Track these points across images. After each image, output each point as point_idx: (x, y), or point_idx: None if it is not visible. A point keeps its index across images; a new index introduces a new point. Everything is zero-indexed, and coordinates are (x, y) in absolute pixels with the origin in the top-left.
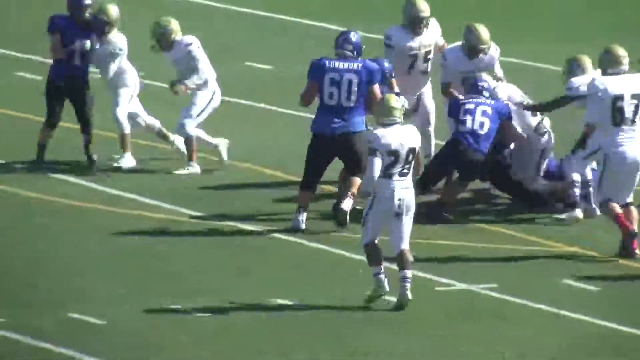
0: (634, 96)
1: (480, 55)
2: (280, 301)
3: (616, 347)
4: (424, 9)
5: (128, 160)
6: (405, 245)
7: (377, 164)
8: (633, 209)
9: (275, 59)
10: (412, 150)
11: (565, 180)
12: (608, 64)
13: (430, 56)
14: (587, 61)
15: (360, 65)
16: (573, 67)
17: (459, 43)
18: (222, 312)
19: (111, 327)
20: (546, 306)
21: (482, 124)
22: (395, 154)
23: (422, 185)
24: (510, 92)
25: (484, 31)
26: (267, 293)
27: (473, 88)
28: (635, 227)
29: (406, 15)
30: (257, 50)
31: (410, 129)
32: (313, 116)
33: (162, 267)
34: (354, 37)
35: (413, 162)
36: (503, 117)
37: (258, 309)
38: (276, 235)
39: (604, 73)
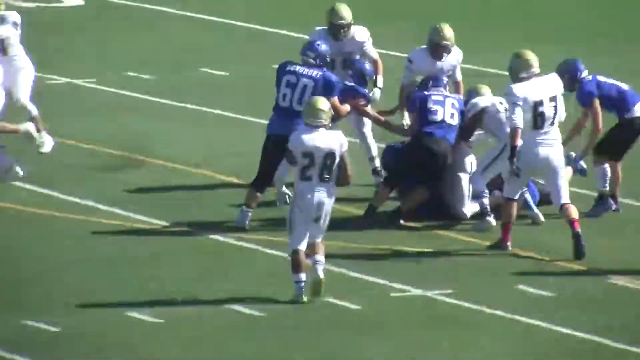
0: (551, 99)
1: (444, 55)
2: (239, 307)
3: (571, 352)
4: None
5: (48, 142)
6: (318, 239)
7: (287, 164)
8: (568, 206)
9: (231, 65)
10: (329, 155)
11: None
12: (520, 68)
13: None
14: (485, 89)
15: (319, 74)
16: (472, 95)
17: (425, 46)
18: (182, 319)
19: (66, 334)
20: (501, 312)
21: (452, 115)
22: (309, 156)
23: (387, 185)
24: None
25: (447, 29)
26: (226, 299)
27: (435, 81)
28: (575, 216)
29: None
30: (212, 56)
31: (333, 134)
32: (267, 122)
33: (119, 273)
34: (319, 46)
35: (335, 168)
36: (461, 114)
37: (219, 316)
38: (233, 241)
39: (517, 78)
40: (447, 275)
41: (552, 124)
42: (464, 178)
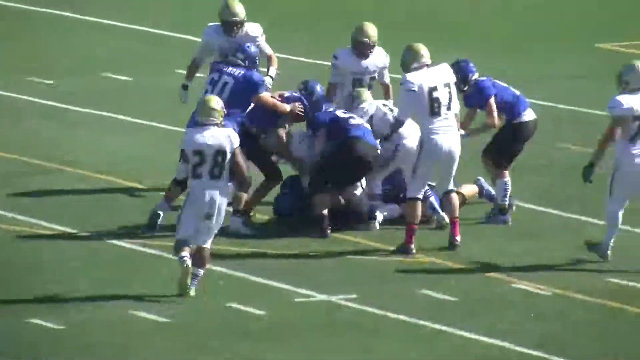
0: (445, 85)
1: (368, 53)
2: (144, 314)
3: (475, 356)
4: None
5: None
6: (205, 244)
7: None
8: (453, 195)
9: (133, 70)
10: (219, 153)
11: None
12: (411, 59)
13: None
14: (366, 93)
15: (241, 73)
16: (356, 101)
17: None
18: (86, 325)
19: None
20: (405, 316)
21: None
22: (200, 154)
23: (316, 188)
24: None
25: (370, 28)
26: (131, 305)
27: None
28: (456, 214)
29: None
30: (114, 61)
31: (223, 131)
32: (171, 128)
33: (22, 279)
34: (249, 48)
35: (227, 165)
36: None
37: (124, 322)
38: (138, 248)
39: (408, 69)
40: (351, 280)
41: (449, 108)
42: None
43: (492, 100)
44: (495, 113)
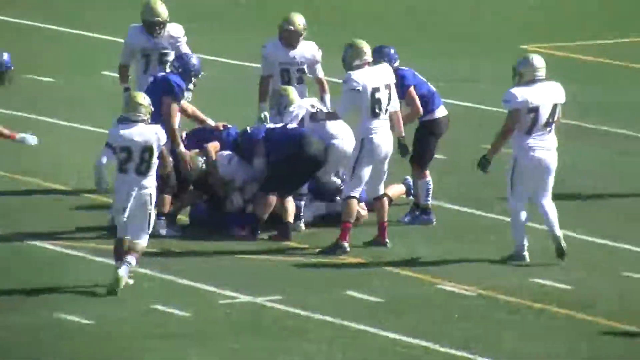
0: (386, 86)
1: (295, 43)
2: (68, 316)
3: (400, 357)
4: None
5: None
6: (137, 239)
7: (104, 157)
8: (385, 200)
9: (57, 72)
10: (147, 149)
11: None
12: (354, 57)
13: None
14: (292, 91)
15: (160, 76)
16: (282, 100)
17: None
18: (11, 329)
19: None
20: (330, 317)
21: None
22: (127, 150)
23: (267, 190)
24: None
25: (297, 17)
26: (56, 308)
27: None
28: (386, 218)
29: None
30: (38, 63)
31: (151, 128)
32: (97, 129)
33: None
34: (185, 57)
35: (153, 161)
36: None
37: (49, 325)
38: (62, 250)
39: (350, 67)
40: (276, 281)
41: (387, 111)
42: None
43: (412, 89)
44: (417, 101)
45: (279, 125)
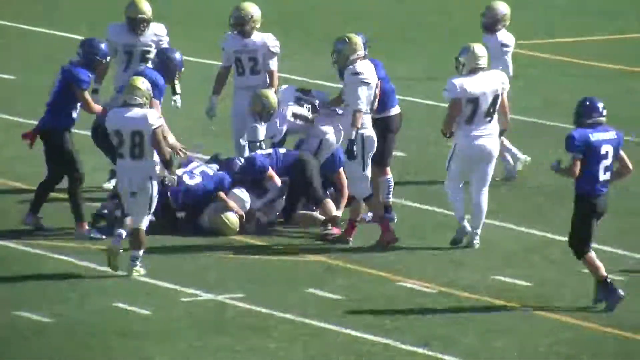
0: (376, 84)
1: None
2: (27, 314)
3: (360, 354)
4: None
5: None
6: (139, 225)
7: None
8: (366, 202)
9: (18, 69)
10: (136, 133)
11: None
12: (351, 51)
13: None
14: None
15: (67, 67)
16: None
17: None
18: None
19: None
20: (292, 315)
21: None
22: (118, 134)
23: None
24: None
25: (247, 4)
26: (14, 306)
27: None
28: (358, 218)
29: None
30: None
31: (141, 112)
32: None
33: None
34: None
35: (146, 145)
36: None
37: (7, 323)
38: (20, 247)
39: (347, 60)
40: (237, 279)
41: (372, 108)
42: None
43: (379, 82)
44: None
45: (271, 150)
